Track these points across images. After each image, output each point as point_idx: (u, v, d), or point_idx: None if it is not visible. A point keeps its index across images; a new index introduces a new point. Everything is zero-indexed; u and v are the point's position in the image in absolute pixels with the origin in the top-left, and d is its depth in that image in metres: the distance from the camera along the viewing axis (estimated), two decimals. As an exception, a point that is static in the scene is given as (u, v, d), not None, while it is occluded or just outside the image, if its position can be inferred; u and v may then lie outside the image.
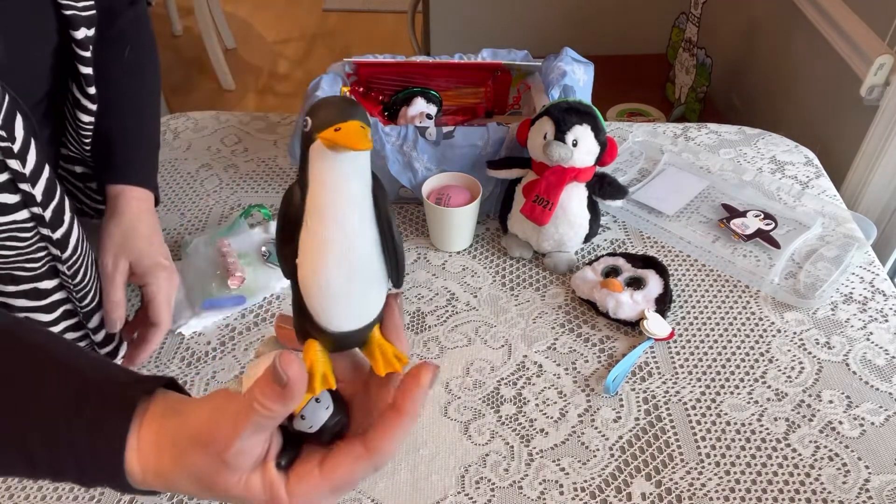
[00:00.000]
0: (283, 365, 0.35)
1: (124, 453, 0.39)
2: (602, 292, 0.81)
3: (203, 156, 1.08)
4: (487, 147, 0.89)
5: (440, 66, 1.02)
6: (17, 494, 0.66)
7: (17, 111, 0.59)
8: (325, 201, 0.35)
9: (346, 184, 0.35)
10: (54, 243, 0.65)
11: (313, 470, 0.39)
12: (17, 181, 0.59)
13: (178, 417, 0.40)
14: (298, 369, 0.36)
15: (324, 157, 0.34)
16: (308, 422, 0.39)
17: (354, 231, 0.36)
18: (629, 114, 1.81)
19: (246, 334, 0.81)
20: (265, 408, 0.36)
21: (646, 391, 0.74)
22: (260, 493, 0.39)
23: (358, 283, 0.37)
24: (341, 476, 0.39)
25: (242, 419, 0.37)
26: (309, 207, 0.35)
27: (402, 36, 3.16)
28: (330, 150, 0.33)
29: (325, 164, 0.34)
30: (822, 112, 1.35)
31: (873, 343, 0.78)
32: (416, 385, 0.39)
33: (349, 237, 0.36)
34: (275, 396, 0.36)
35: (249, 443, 0.38)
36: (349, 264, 0.36)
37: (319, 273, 0.36)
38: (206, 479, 0.39)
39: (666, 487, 0.66)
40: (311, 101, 0.93)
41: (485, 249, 0.92)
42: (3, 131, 0.57)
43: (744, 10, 1.70)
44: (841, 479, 0.66)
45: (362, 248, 0.36)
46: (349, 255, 0.36)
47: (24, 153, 0.59)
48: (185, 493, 0.40)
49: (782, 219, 0.94)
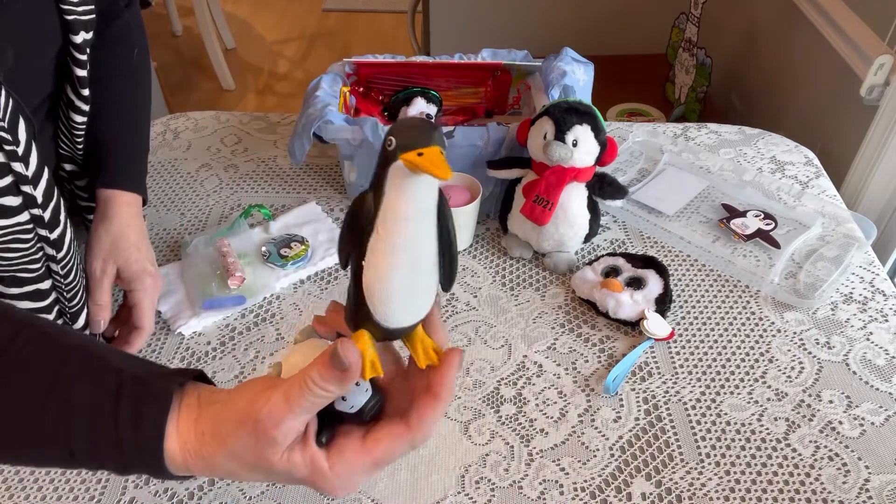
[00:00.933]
0: (344, 350, 0.40)
1: (164, 441, 0.42)
2: (602, 292, 0.81)
3: (203, 156, 1.08)
4: (487, 147, 0.89)
5: (440, 66, 1.02)
6: (17, 494, 0.66)
7: (20, 114, 0.59)
8: (399, 214, 0.38)
9: (420, 201, 0.39)
10: (51, 244, 0.65)
11: (355, 445, 0.43)
12: (19, 184, 0.59)
13: (217, 404, 0.43)
14: (357, 356, 0.40)
15: (403, 175, 0.37)
16: (349, 403, 0.43)
17: (421, 242, 0.40)
18: (629, 114, 1.81)
19: (246, 334, 0.81)
20: (323, 388, 0.40)
21: (646, 391, 0.74)
22: (302, 468, 0.42)
23: (418, 287, 0.41)
24: (383, 450, 0.43)
25: (297, 398, 0.40)
26: (382, 216, 0.39)
27: (402, 36, 3.16)
28: (411, 171, 0.37)
29: (403, 182, 0.38)
30: (822, 112, 1.35)
31: (873, 343, 0.78)
32: (448, 369, 0.44)
33: (417, 247, 0.40)
34: (333, 379, 0.40)
35: (293, 424, 0.41)
36: (414, 271, 0.40)
37: (387, 276, 0.40)
38: (251, 456, 0.42)
39: (666, 487, 0.66)
40: (312, 100, 0.93)
41: (485, 249, 0.92)
42: (7, 134, 0.57)
43: (744, 10, 1.70)
44: (841, 479, 0.66)
45: (426, 258, 0.41)
46: (415, 264, 0.40)
47: (26, 156, 0.59)
48: (226, 473, 0.44)
49: (782, 219, 0.94)
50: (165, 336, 0.81)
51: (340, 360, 0.40)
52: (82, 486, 0.67)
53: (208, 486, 0.66)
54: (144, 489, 0.66)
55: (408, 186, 0.38)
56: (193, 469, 0.43)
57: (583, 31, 2.02)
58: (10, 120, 0.58)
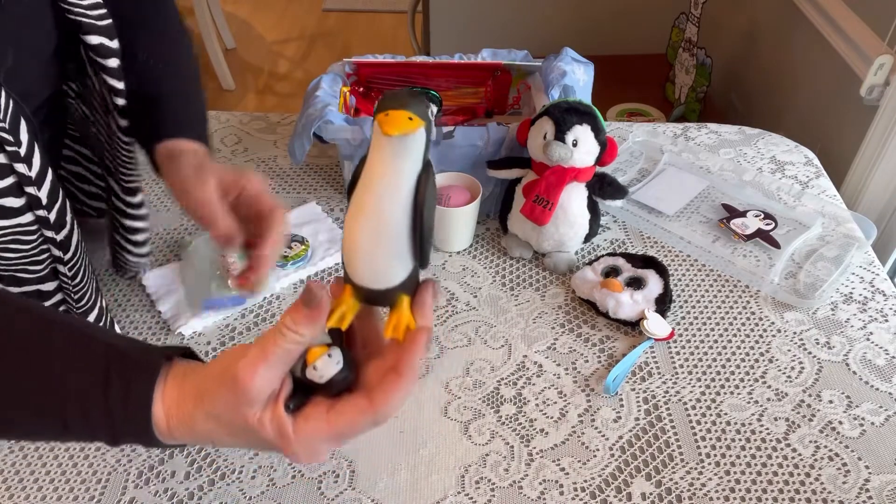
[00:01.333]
0: (314, 286, 0.42)
1: (151, 408, 0.43)
2: (602, 292, 0.81)
3: (203, 156, 1.08)
4: (487, 147, 0.89)
5: (440, 66, 1.02)
6: (17, 495, 0.66)
7: (21, 115, 0.59)
8: (369, 172, 0.41)
9: (389, 161, 0.40)
10: (57, 245, 0.65)
11: (320, 415, 0.44)
12: (23, 184, 0.59)
13: (200, 371, 0.45)
14: (325, 293, 0.42)
15: (377, 136, 0.40)
16: (319, 372, 0.44)
17: (384, 203, 0.41)
18: (629, 114, 1.81)
19: (246, 334, 0.81)
20: (294, 331, 0.42)
21: (646, 391, 0.74)
22: (270, 429, 0.43)
23: (382, 247, 0.42)
24: (344, 423, 0.43)
25: (271, 346, 0.42)
26: (363, 174, 0.42)
27: (402, 36, 3.16)
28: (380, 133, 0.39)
29: (377, 142, 0.40)
30: (822, 112, 1.35)
31: (873, 343, 0.78)
32: (412, 346, 0.44)
33: (380, 206, 0.41)
34: (303, 319, 0.42)
35: (269, 375, 0.42)
36: (376, 229, 0.41)
37: (350, 228, 0.42)
38: (229, 415, 0.43)
39: (666, 487, 0.66)
40: (312, 100, 0.93)
41: (485, 249, 0.92)
42: (9, 135, 0.57)
43: (744, 10, 1.70)
44: (841, 479, 0.66)
45: (391, 220, 0.41)
46: (377, 222, 0.41)
47: (29, 156, 0.59)
48: (205, 436, 0.45)
49: (782, 219, 0.94)
50: (165, 336, 0.81)
51: (309, 294, 0.42)
52: (82, 486, 0.67)
53: (208, 486, 0.66)
54: (144, 489, 0.66)
55: (380, 147, 0.40)
56: (176, 434, 0.45)
57: (583, 31, 2.02)
58: (12, 121, 0.57)
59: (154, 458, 0.69)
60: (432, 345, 0.79)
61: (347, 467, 0.68)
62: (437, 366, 0.77)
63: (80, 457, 0.69)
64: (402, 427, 0.71)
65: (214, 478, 0.67)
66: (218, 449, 0.69)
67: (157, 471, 0.68)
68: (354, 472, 0.68)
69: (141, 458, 0.69)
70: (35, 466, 0.68)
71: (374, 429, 0.44)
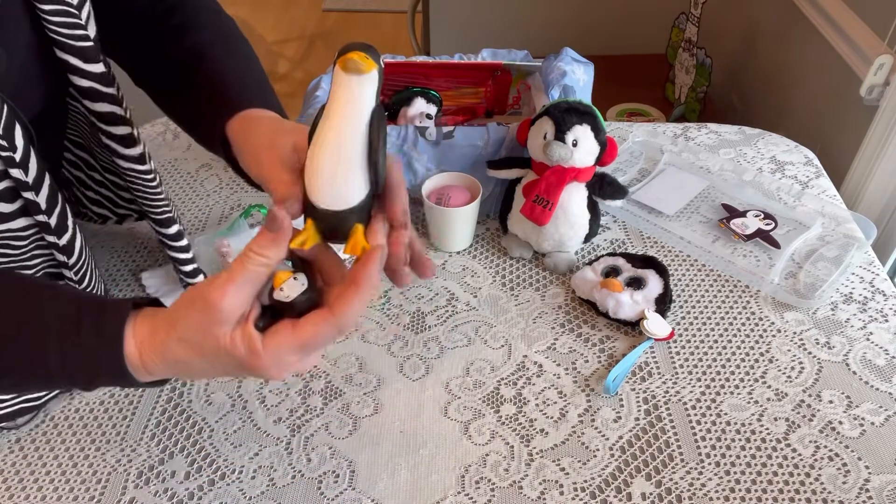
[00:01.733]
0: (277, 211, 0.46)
1: (123, 342, 0.47)
2: (602, 292, 0.81)
3: (203, 156, 1.08)
4: (487, 147, 0.89)
5: (440, 66, 1.02)
6: (17, 495, 0.66)
7: (16, 121, 0.58)
8: (330, 109, 0.47)
9: (347, 99, 0.47)
10: (61, 249, 0.64)
11: (286, 329, 0.47)
12: (20, 190, 0.59)
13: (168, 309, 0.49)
14: (287, 216, 0.47)
15: (339, 76, 0.46)
16: (286, 293, 0.48)
17: (344, 133, 0.47)
18: (629, 114, 1.81)
19: (246, 334, 0.81)
20: (260, 253, 0.46)
21: (646, 391, 0.74)
22: (241, 347, 0.46)
23: (341, 171, 0.47)
24: (308, 333, 0.47)
25: (238, 269, 0.46)
26: (324, 113, 0.48)
27: (402, 36, 3.15)
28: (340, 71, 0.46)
29: (338, 82, 0.47)
30: (822, 112, 1.35)
31: (873, 343, 0.78)
32: (368, 259, 0.48)
33: (340, 135, 0.47)
34: (267, 242, 0.46)
35: (238, 296, 0.46)
36: (336, 154, 0.47)
37: (314, 155, 0.48)
38: (197, 336, 0.46)
39: (666, 487, 0.66)
40: (312, 100, 0.93)
41: (485, 249, 0.92)
42: (3, 141, 0.57)
43: (744, 10, 1.70)
44: (841, 479, 0.66)
45: (350, 147, 0.47)
46: (338, 148, 0.47)
47: (25, 162, 0.59)
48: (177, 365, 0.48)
49: (782, 219, 0.94)
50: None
51: (273, 219, 0.46)
52: (82, 487, 0.67)
53: (208, 486, 0.66)
54: (144, 489, 0.66)
55: (338, 86, 0.47)
56: (150, 365, 0.48)
57: (583, 31, 2.02)
58: (6, 126, 0.57)
59: (154, 458, 0.69)
60: (432, 345, 0.80)
61: (347, 467, 0.68)
62: (437, 366, 0.77)
63: (80, 457, 0.69)
64: (403, 427, 0.71)
65: (214, 478, 0.67)
66: (217, 449, 0.69)
67: (157, 471, 0.68)
68: (354, 472, 0.68)
69: (141, 458, 0.69)
70: (35, 466, 0.68)
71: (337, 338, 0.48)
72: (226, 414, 0.73)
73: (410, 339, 0.80)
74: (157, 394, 0.75)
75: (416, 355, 0.78)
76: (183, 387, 0.75)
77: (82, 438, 0.71)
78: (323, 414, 0.73)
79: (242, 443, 0.70)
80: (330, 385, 0.75)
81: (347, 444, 0.70)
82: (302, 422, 0.72)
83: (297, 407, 0.73)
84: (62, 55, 0.63)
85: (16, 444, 0.70)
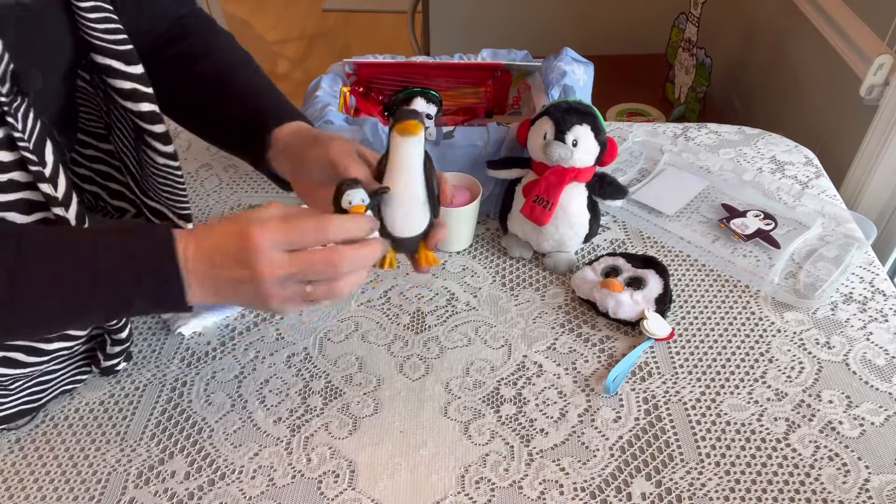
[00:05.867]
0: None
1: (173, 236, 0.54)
2: (602, 292, 0.81)
3: (203, 156, 1.08)
4: (487, 147, 0.89)
5: (440, 66, 1.02)
6: (17, 495, 0.66)
7: (48, 137, 0.58)
8: (392, 163, 0.62)
9: (408, 156, 0.62)
10: None
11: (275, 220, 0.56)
12: (50, 205, 0.59)
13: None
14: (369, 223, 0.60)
15: (394, 140, 0.61)
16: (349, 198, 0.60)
17: (409, 183, 0.62)
18: (629, 114, 1.81)
19: (246, 334, 0.81)
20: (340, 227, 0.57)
21: (646, 391, 0.74)
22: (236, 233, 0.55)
23: (412, 213, 0.64)
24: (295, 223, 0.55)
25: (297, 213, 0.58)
26: (388, 166, 0.62)
27: (402, 36, 3.15)
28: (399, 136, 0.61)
29: (394, 143, 0.61)
30: (821, 112, 1.35)
31: (873, 343, 0.78)
32: None
33: (406, 185, 0.62)
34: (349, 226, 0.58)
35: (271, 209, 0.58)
36: (407, 199, 0.63)
37: (390, 201, 0.63)
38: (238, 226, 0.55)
39: (666, 487, 0.66)
40: (312, 100, 0.93)
41: (485, 249, 0.92)
42: (33, 155, 0.56)
43: (744, 10, 1.70)
44: (841, 479, 0.66)
45: (413, 194, 0.63)
46: (406, 194, 0.63)
47: (55, 177, 0.58)
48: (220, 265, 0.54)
49: (782, 219, 0.94)
50: (165, 336, 0.81)
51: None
52: (82, 487, 0.67)
53: (208, 486, 0.66)
54: (144, 489, 0.66)
55: (399, 146, 0.61)
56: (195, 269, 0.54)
57: (583, 31, 2.02)
58: (37, 142, 0.57)
59: (154, 458, 0.69)
60: (432, 345, 0.80)
61: (347, 467, 0.68)
62: (437, 366, 0.77)
63: (80, 457, 0.69)
64: (402, 427, 0.71)
65: (214, 478, 0.67)
66: (217, 449, 0.69)
67: (157, 471, 0.68)
68: (354, 472, 0.68)
69: (141, 459, 0.69)
70: (35, 466, 0.68)
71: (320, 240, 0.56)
72: (226, 414, 0.73)
73: (410, 339, 0.80)
74: (157, 394, 0.75)
75: (416, 355, 0.78)
76: (183, 387, 0.75)
77: (82, 438, 0.71)
78: (323, 414, 0.73)
79: (242, 443, 0.70)
80: (330, 385, 0.75)
81: (347, 444, 0.70)
82: (302, 422, 0.72)
83: (297, 407, 0.73)
84: (102, 60, 0.65)
85: (16, 444, 0.70)
